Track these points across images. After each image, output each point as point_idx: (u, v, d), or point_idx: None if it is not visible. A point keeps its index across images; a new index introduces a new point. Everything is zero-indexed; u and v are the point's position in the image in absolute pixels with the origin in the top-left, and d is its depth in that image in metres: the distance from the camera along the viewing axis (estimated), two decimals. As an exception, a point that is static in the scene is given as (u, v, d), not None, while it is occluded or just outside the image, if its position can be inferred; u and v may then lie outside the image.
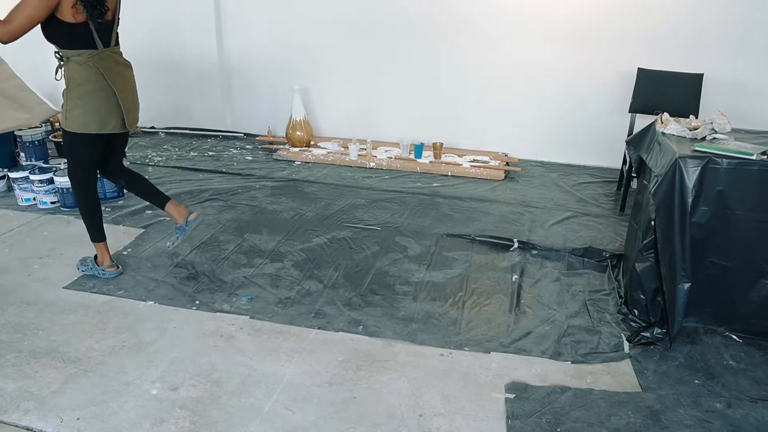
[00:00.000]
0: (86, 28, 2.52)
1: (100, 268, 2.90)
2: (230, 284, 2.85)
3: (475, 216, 3.71)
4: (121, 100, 2.65)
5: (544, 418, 2.02)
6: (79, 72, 2.56)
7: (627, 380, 2.24)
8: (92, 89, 2.59)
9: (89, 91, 2.59)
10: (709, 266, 2.44)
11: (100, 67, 2.59)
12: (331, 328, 2.51)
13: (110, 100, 2.63)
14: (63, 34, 2.51)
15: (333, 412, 2.04)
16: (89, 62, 2.57)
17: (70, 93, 2.59)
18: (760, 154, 2.30)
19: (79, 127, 2.62)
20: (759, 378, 2.26)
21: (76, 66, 2.56)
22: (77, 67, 2.56)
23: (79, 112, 2.60)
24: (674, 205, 2.37)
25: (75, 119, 2.60)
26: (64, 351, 2.33)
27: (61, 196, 3.68)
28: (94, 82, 2.59)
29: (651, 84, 4.02)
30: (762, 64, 4.18)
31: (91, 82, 2.58)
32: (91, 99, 2.60)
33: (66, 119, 2.62)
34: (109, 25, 2.61)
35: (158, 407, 2.05)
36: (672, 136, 2.62)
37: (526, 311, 2.69)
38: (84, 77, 2.57)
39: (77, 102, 2.59)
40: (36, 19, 2.41)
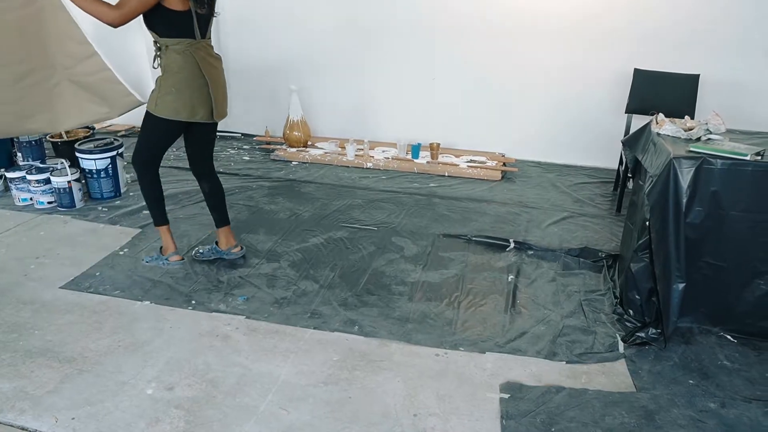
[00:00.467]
0: (188, 17, 2.58)
1: (164, 258, 2.96)
2: (226, 284, 2.86)
3: (471, 216, 3.72)
4: (212, 91, 2.70)
5: (539, 418, 2.03)
6: (177, 60, 2.61)
7: (622, 380, 2.25)
8: (187, 78, 2.64)
9: (183, 80, 2.63)
10: (703, 266, 2.45)
11: (196, 56, 2.64)
12: (327, 328, 2.52)
13: (202, 90, 2.68)
14: (165, 22, 2.56)
15: (328, 411, 2.05)
16: (186, 51, 2.61)
17: (165, 80, 2.64)
18: (754, 155, 2.31)
19: (170, 114, 2.66)
20: (753, 378, 2.26)
21: (174, 54, 2.60)
22: (175, 55, 2.60)
23: (171, 99, 2.64)
24: (669, 205, 2.37)
25: (166, 106, 2.65)
26: (60, 351, 2.34)
27: (58, 196, 3.68)
28: (189, 71, 2.64)
29: (647, 84, 4.03)
30: (758, 64, 4.19)
31: (186, 70, 2.63)
32: (184, 87, 2.64)
33: (156, 105, 2.66)
34: (207, 16, 2.66)
35: (153, 407, 2.05)
36: (667, 137, 2.63)
37: (522, 311, 2.69)
38: (180, 65, 2.62)
39: (171, 89, 2.64)
40: (148, 3, 2.46)
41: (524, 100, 4.72)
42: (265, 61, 5.26)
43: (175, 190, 4.01)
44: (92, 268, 2.97)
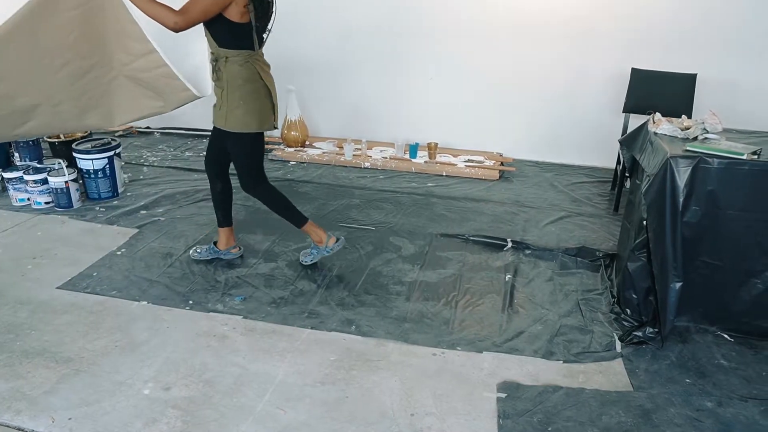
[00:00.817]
0: (248, 29, 2.59)
1: (322, 249, 2.99)
2: (224, 284, 2.85)
3: (469, 216, 3.72)
4: (274, 100, 2.73)
5: (536, 418, 2.03)
6: (240, 72, 2.62)
7: (618, 379, 2.25)
8: (252, 89, 2.66)
9: (250, 91, 2.65)
10: (700, 265, 2.45)
11: (257, 66, 2.65)
12: (324, 328, 2.52)
13: (266, 100, 2.71)
14: (226, 32, 2.57)
15: (325, 411, 2.05)
16: (248, 63, 2.63)
17: (231, 94, 2.64)
18: (751, 154, 2.32)
19: (241, 127, 2.69)
20: (750, 377, 2.27)
21: (237, 66, 2.61)
22: (237, 67, 2.61)
23: (241, 113, 2.66)
24: (666, 204, 2.38)
25: (237, 119, 2.67)
26: (57, 351, 2.33)
27: (55, 196, 3.68)
28: (254, 83, 2.66)
29: (645, 84, 4.03)
30: (754, 64, 4.19)
31: (251, 82, 2.65)
32: (251, 99, 2.66)
33: (227, 120, 2.68)
34: (264, 27, 2.68)
35: (150, 407, 2.05)
36: (664, 136, 2.63)
37: (519, 311, 2.69)
38: (244, 77, 2.63)
39: (239, 102, 2.65)
40: (210, 12, 2.46)
41: (522, 100, 4.72)
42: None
43: (172, 191, 4.01)
44: (89, 269, 2.97)
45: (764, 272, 2.39)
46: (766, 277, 2.40)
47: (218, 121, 2.73)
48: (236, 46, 2.60)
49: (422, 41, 4.80)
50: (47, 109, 2.59)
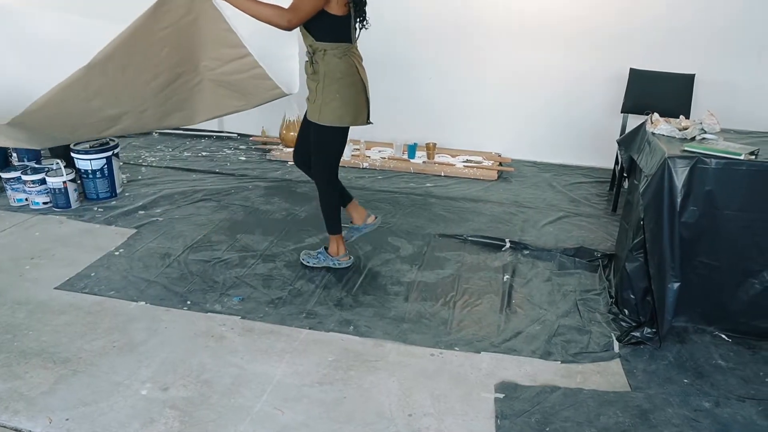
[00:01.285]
0: (347, 22, 2.61)
1: (335, 259, 2.98)
2: (222, 284, 2.85)
3: (467, 216, 3.72)
4: (368, 94, 2.74)
5: (533, 418, 2.03)
6: (338, 65, 2.63)
7: (616, 380, 2.25)
8: (349, 83, 2.66)
9: (346, 85, 2.66)
10: (698, 266, 2.45)
11: (354, 60, 2.66)
12: (322, 328, 2.52)
13: (361, 94, 2.72)
14: (325, 26, 2.57)
15: (323, 411, 2.05)
16: (345, 56, 2.64)
17: (327, 87, 2.64)
18: (748, 154, 2.32)
19: (335, 121, 2.69)
20: (747, 377, 2.27)
21: (335, 59, 2.62)
22: (336, 60, 2.62)
23: (337, 106, 2.66)
24: (663, 204, 2.38)
25: (332, 113, 2.67)
26: (55, 351, 2.33)
27: (54, 196, 3.68)
28: (350, 76, 2.66)
29: (643, 84, 4.04)
30: (752, 64, 4.20)
31: (348, 75, 2.65)
32: (347, 93, 2.66)
33: (321, 113, 2.68)
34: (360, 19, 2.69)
35: (148, 407, 2.05)
36: (662, 136, 2.63)
37: (517, 311, 2.69)
38: (342, 71, 2.64)
39: (335, 95, 2.65)
40: (318, 6, 2.48)
41: (520, 100, 4.72)
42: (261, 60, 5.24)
43: (170, 191, 4.01)
44: (87, 269, 2.96)
45: (762, 272, 2.40)
46: (763, 277, 2.40)
47: (313, 115, 2.71)
48: (334, 39, 2.60)
49: (420, 41, 4.80)
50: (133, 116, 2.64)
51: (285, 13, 2.45)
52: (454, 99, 4.85)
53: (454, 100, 4.86)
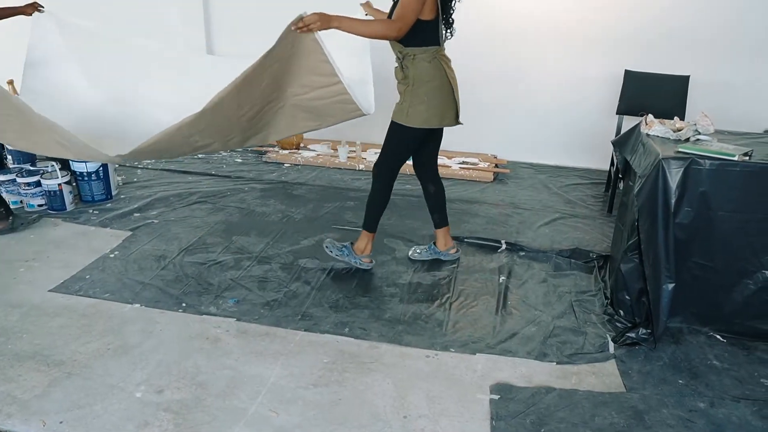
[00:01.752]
0: (435, 25, 2.63)
1: (358, 258, 3.00)
2: (217, 286, 2.85)
3: (463, 218, 3.72)
4: (456, 96, 2.76)
5: (529, 419, 2.03)
6: (427, 69, 2.65)
7: (612, 380, 2.26)
8: (438, 86, 2.69)
9: (435, 88, 2.68)
10: (692, 266, 2.46)
11: (442, 63, 2.69)
12: (318, 330, 2.51)
13: (449, 96, 2.74)
14: (415, 31, 2.57)
15: (318, 413, 2.04)
16: (435, 59, 2.66)
17: (416, 90, 2.68)
18: (742, 156, 2.33)
19: (422, 123, 2.72)
20: (742, 377, 2.27)
21: (425, 63, 2.65)
22: (425, 64, 2.65)
23: (424, 108, 2.69)
24: (658, 205, 2.38)
25: (419, 115, 2.71)
26: (49, 354, 2.32)
27: (49, 198, 3.67)
28: (439, 79, 2.69)
29: (638, 86, 4.05)
30: (746, 66, 4.22)
31: (436, 78, 2.68)
32: (435, 95, 2.69)
33: (408, 115, 2.72)
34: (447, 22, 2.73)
35: (142, 410, 2.04)
36: (656, 138, 2.64)
37: (513, 312, 2.70)
38: (431, 74, 2.66)
39: (423, 98, 2.68)
40: (418, 11, 2.51)
41: (516, 102, 4.73)
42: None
43: (166, 193, 4.00)
44: (82, 271, 2.96)
45: (756, 273, 2.40)
46: (758, 277, 2.41)
47: (398, 117, 2.75)
48: (423, 43, 2.63)
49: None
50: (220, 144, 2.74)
51: (393, 24, 2.49)
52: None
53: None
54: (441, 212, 3.13)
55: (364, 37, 2.55)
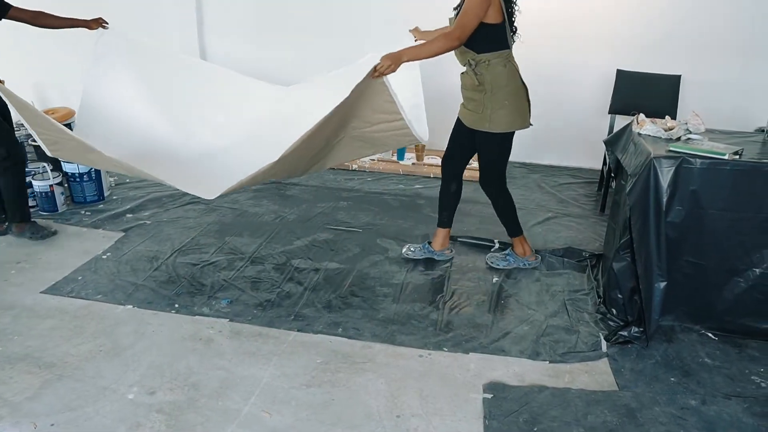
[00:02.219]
0: (503, 29, 2.64)
1: (524, 259, 3.05)
2: (210, 287, 2.84)
3: (456, 217, 3.68)
4: (528, 97, 2.79)
5: (521, 418, 2.04)
6: (502, 74, 2.67)
7: (604, 379, 2.26)
8: (514, 89, 2.72)
9: (513, 91, 2.71)
10: (684, 265, 2.47)
11: (515, 65, 2.73)
12: (311, 330, 2.51)
13: (525, 98, 2.77)
14: (485, 37, 2.60)
15: (311, 414, 2.04)
16: (509, 62, 2.69)
17: (495, 95, 2.68)
18: (732, 154, 2.34)
19: (505, 127, 2.74)
20: (733, 375, 2.29)
21: (499, 68, 2.66)
22: (500, 68, 2.67)
23: (505, 113, 2.71)
24: (649, 204, 2.39)
25: (501, 120, 2.71)
26: (40, 356, 2.31)
27: (40, 200, 3.65)
28: (515, 82, 2.71)
29: (630, 85, 4.06)
30: (737, 66, 4.24)
31: (512, 81, 2.70)
32: (514, 98, 2.71)
33: (490, 122, 2.72)
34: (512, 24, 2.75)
35: (134, 412, 2.03)
36: (647, 137, 2.65)
37: (506, 312, 2.70)
38: (507, 78, 2.68)
39: (504, 103, 2.69)
40: (480, 15, 2.53)
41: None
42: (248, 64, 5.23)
43: (158, 194, 3.98)
44: (74, 273, 2.94)
45: (747, 271, 2.41)
46: (748, 275, 2.42)
47: (479, 124, 2.75)
48: (495, 48, 2.65)
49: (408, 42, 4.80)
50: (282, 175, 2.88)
51: (452, 34, 2.52)
52: (442, 100, 4.85)
53: (442, 101, 4.86)
54: (451, 212, 3.15)
55: (430, 57, 2.57)
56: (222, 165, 3.06)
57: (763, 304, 2.43)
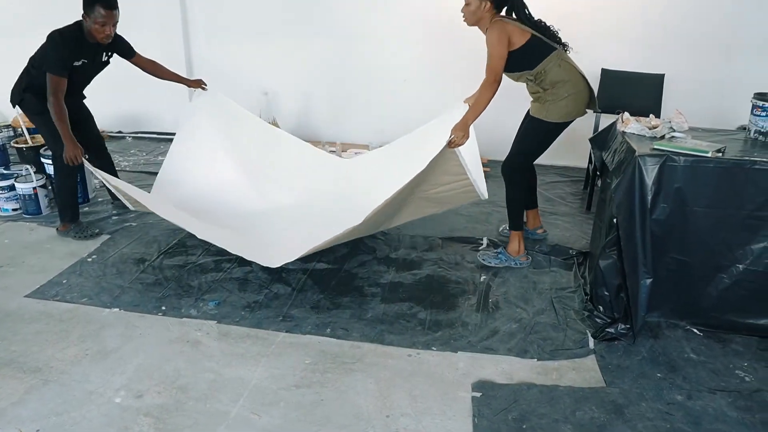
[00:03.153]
0: (534, 40, 2.81)
1: (516, 259, 3.08)
2: (197, 289, 2.82)
3: (445, 216, 3.72)
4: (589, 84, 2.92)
5: (510, 416, 2.05)
6: (559, 72, 2.83)
7: (592, 376, 2.28)
8: (574, 81, 2.86)
9: (572, 84, 2.84)
10: (669, 262, 2.49)
11: (568, 60, 2.86)
12: (299, 331, 2.50)
13: (586, 89, 2.90)
14: (523, 57, 2.81)
15: (300, 414, 2.04)
16: (562, 59, 2.83)
17: (558, 90, 2.84)
18: (715, 152, 2.37)
19: (562, 117, 2.90)
20: (718, 369, 2.31)
21: (556, 69, 2.82)
22: (556, 69, 2.82)
23: (564, 104, 2.86)
24: (635, 202, 2.41)
25: (560, 110, 2.87)
26: (25, 361, 2.28)
27: (23, 202, 3.61)
28: (573, 75, 2.85)
29: (614, 84, 4.10)
30: (719, 64, 4.29)
31: (571, 75, 2.84)
32: (573, 90, 2.85)
33: (548, 111, 2.88)
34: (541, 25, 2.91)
35: (122, 415, 2.02)
36: (632, 135, 2.68)
37: (494, 310, 2.71)
38: (565, 74, 2.83)
39: (564, 95, 2.84)
40: (504, 53, 2.76)
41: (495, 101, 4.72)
42: (236, 65, 5.22)
43: (145, 195, 3.95)
44: (59, 276, 2.91)
45: (730, 267, 2.44)
46: (732, 271, 2.45)
47: (538, 112, 2.91)
48: (541, 57, 2.81)
49: (395, 43, 4.82)
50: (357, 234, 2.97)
51: (488, 80, 2.75)
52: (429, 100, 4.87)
53: (429, 102, 4.87)
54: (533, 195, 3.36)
55: (486, 108, 2.79)
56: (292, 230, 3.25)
57: (747, 300, 2.46)
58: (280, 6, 4.94)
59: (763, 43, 4.22)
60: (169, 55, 5.19)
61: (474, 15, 2.86)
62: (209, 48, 5.23)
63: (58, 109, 3.03)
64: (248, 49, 5.14)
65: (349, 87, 5.04)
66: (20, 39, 4.97)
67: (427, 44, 4.75)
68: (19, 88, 3.25)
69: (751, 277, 2.42)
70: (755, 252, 2.40)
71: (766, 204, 2.34)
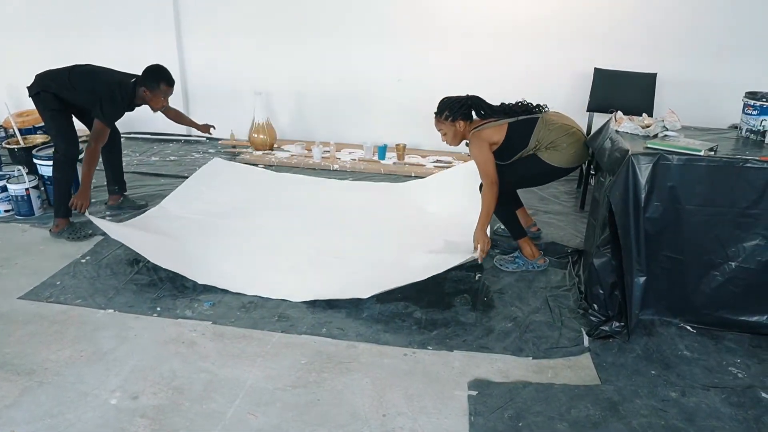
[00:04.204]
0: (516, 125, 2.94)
1: (534, 262, 3.06)
2: (192, 289, 2.81)
3: (438, 216, 3.73)
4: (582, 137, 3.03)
5: (506, 414, 2.05)
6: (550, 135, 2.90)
7: (587, 373, 2.29)
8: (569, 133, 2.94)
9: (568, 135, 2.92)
10: (663, 260, 2.51)
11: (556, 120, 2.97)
12: (295, 331, 2.50)
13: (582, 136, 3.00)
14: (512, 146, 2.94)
15: (296, 414, 2.04)
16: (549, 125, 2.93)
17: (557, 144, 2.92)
18: (708, 151, 2.38)
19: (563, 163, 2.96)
20: (711, 366, 2.33)
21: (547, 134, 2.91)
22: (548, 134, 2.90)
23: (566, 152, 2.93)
24: (628, 201, 2.42)
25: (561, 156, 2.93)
26: (19, 363, 2.27)
27: (16, 204, 3.58)
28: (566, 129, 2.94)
29: (607, 83, 4.13)
30: (711, 63, 4.33)
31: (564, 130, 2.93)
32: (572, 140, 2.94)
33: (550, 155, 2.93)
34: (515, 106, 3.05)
35: (117, 417, 2.01)
36: (625, 134, 2.69)
37: (489, 309, 2.72)
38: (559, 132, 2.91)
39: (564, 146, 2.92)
40: (491, 157, 2.90)
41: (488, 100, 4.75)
42: (229, 64, 5.21)
43: (139, 195, 3.95)
44: (53, 277, 2.90)
45: (723, 265, 2.46)
46: (724, 269, 2.46)
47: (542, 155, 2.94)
48: (529, 134, 2.92)
49: (390, 43, 4.82)
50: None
51: (486, 183, 2.86)
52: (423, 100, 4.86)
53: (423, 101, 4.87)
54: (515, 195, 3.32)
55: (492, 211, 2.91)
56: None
57: (739, 297, 2.48)
58: (273, 6, 4.93)
59: (754, 43, 4.25)
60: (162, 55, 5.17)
61: (455, 138, 3.01)
62: (202, 48, 5.21)
63: (95, 155, 3.25)
64: (241, 49, 5.12)
65: (343, 87, 5.04)
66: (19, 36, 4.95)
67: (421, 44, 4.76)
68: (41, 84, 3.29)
69: (743, 275, 2.44)
70: (747, 249, 2.41)
71: (757, 201, 2.35)
